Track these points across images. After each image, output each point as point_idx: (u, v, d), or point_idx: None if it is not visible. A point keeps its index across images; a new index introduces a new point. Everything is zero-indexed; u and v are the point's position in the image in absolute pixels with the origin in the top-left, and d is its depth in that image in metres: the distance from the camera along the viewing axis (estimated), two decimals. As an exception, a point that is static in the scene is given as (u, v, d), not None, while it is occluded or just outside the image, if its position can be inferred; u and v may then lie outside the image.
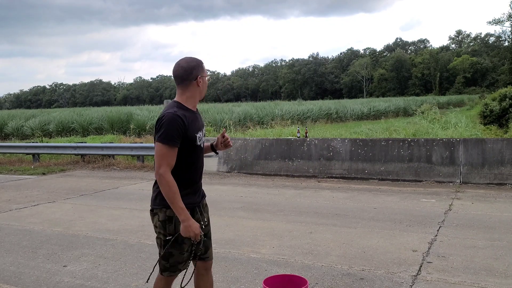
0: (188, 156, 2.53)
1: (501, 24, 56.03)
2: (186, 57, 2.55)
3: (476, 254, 4.30)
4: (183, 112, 2.47)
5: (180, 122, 2.41)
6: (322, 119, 28.72)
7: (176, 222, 2.49)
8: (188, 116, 2.48)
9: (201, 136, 2.58)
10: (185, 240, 2.52)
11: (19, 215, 6.57)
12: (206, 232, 2.69)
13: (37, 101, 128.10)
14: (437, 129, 12.48)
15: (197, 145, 2.54)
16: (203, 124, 2.66)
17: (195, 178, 2.61)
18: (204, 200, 2.74)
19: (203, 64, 2.54)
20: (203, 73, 2.54)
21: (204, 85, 2.57)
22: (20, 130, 24.11)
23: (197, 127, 2.54)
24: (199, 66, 2.52)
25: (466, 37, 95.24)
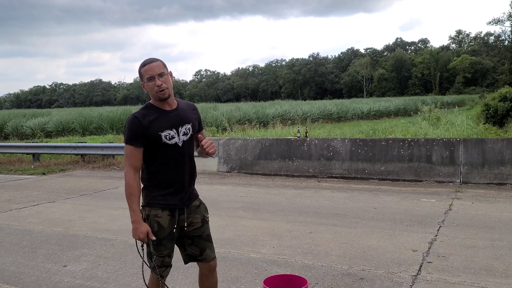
0: (159, 155, 2.52)
1: (501, 23, 56.05)
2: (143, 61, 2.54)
3: (476, 254, 4.30)
4: (145, 112, 2.50)
5: (136, 122, 2.46)
6: (324, 119, 28.73)
7: (152, 222, 2.53)
8: (150, 115, 2.48)
9: (172, 135, 2.51)
10: (163, 242, 2.54)
11: (19, 215, 6.56)
12: (198, 234, 2.66)
13: (37, 101, 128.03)
14: (438, 131, 12.48)
15: (166, 143, 2.49)
16: (182, 122, 2.56)
17: (172, 178, 2.55)
18: (196, 202, 2.69)
19: (141, 70, 2.48)
20: (141, 79, 2.52)
21: (148, 90, 2.51)
22: (20, 130, 24.11)
23: (164, 126, 2.49)
24: (139, 73, 2.51)
25: (466, 36, 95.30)
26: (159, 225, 2.53)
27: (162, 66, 2.50)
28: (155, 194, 2.55)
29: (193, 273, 4.00)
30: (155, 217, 2.53)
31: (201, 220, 2.68)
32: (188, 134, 2.58)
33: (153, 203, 2.55)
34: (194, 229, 2.65)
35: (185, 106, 2.66)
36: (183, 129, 2.55)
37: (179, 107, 2.60)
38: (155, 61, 2.50)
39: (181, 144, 2.54)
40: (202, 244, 2.68)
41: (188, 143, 2.59)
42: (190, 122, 2.60)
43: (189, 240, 2.67)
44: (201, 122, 2.78)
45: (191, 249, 2.68)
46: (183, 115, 2.59)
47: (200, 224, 2.67)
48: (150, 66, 2.47)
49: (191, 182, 2.67)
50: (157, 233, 2.52)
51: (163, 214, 2.54)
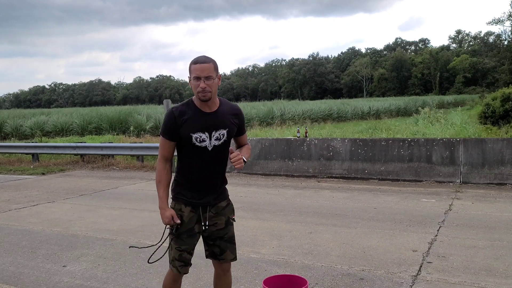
0: (188, 154, 2.54)
1: (501, 23, 56.06)
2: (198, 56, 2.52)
3: (476, 254, 4.29)
4: (183, 109, 2.50)
5: (172, 119, 2.48)
6: (324, 119, 28.78)
7: (176, 213, 2.60)
8: (187, 113, 2.48)
9: (203, 138, 2.48)
10: (182, 236, 2.58)
11: (18, 215, 6.56)
12: (221, 235, 2.67)
13: (36, 100, 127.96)
14: (437, 130, 12.48)
15: (195, 145, 2.48)
16: (217, 127, 2.51)
17: (198, 179, 2.56)
18: (223, 203, 2.68)
19: (191, 66, 2.45)
20: (189, 74, 2.47)
21: (192, 87, 2.47)
22: (19, 130, 24.10)
23: (196, 127, 2.47)
24: (189, 67, 2.47)
25: (466, 36, 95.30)
26: (180, 219, 2.58)
27: (212, 69, 2.43)
28: (180, 189, 2.60)
29: (193, 273, 4.00)
30: (178, 211, 2.59)
31: (225, 221, 2.67)
32: (221, 140, 2.53)
33: (177, 197, 2.61)
34: (217, 230, 2.65)
35: (226, 110, 2.58)
36: (216, 134, 2.51)
37: (218, 111, 2.53)
38: (207, 62, 2.44)
39: (210, 149, 2.51)
40: (223, 245, 2.69)
41: (220, 148, 2.54)
42: (226, 127, 2.54)
43: (211, 240, 2.68)
44: (243, 127, 2.73)
45: (212, 248, 2.70)
46: (220, 119, 2.53)
47: (223, 226, 2.66)
48: (200, 66, 2.41)
49: (218, 184, 2.63)
50: (178, 226, 2.58)
51: (186, 209, 2.58)
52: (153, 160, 11.71)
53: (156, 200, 2.73)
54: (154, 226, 5.69)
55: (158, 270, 4.14)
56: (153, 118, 22.41)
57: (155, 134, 19.57)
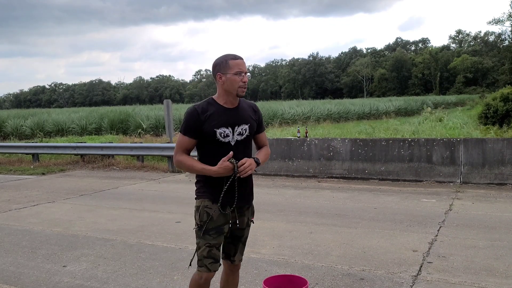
0: (211, 151, 2.52)
1: (501, 23, 56.06)
2: (225, 54, 2.55)
3: (477, 254, 4.29)
4: (205, 106, 2.51)
5: (195, 115, 2.48)
6: (323, 119, 28.79)
7: (201, 212, 2.55)
8: (210, 110, 2.49)
9: (227, 133, 2.50)
10: (210, 232, 2.53)
11: (18, 215, 6.56)
12: (239, 235, 2.69)
13: (36, 100, 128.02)
14: (439, 129, 12.48)
15: (219, 141, 2.49)
16: (240, 122, 2.55)
17: (222, 177, 2.52)
18: (247, 204, 2.69)
19: (230, 62, 2.48)
20: (224, 71, 2.47)
21: (227, 83, 2.48)
22: (19, 130, 24.11)
23: (220, 123, 2.49)
24: (222, 63, 2.49)
25: (467, 36, 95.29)
26: (208, 215, 2.54)
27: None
28: (205, 188, 2.57)
29: (193, 273, 3.99)
30: (205, 207, 2.55)
31: (246, 222, 2.70)
32: (244, 135, 2.56)
33: (203, 195, 2.57)
34: (239, 229, 2.67)
35: (246, 106, 2.63)
36: (239, 129, 2.54)
37: (239, 106, 2.59)
38: (242, 58, 2.53)
39: (233, 143, 2.52)
40: (238, 245, 2.72)
41: (242, 144, 2.56)
42: (248, 122, 2.59)
43: (229, 238, 2.68)
44: (262, 124, 2.75)
45: (228, 247, 2.71)
46: (242, 114, 2.58)
47: (244, 226, 2.69)
48: (242, 62, 2.50)
49: (244, 183, 2.60)
50: (205, 223, 2.53)
51: (213, 206, 2.54)
52: (153, 160, 11.71)
53: (156, 200, 2.74)
54: (154, 226, 5.69)
55: (158, 270, 4.14)
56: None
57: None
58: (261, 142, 2.78)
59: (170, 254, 4.57)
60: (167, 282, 3.87)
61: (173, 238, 5.14)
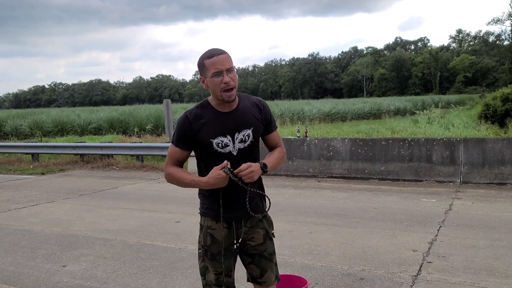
0: (211, 163, 2.16)
1: (501, 23, 56.11)
2: (205, 51, 2.15)
3: (477, 254, 4.29)
4: (199, 112, 2.17)
5: (186, 125, 2.15)
6: (323, 119, 28.79)
7: (204, 234, 2.26)
8: (203, 116, 2.16)
9: (226, 142, 2.16)
10: (217, 258, 2.22)
11: (18, 215, 6.55)
12: (259, 252, 2.30)
13: (36, 100, 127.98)
14: (438, 130, 12.47)
15: (218, 152, 2.15)
16: (240, 127, 2.18)
17: (226, 189, 2.18)
18: (259, 215, 2.29)
19: (206, 62, 2.09)
20: (204, 73, 2.12)
21: (210, 87, 2.11)
22: (19, 129, 24.09)
23: (216, 131, 2.14)
24: (200, 65, 2.13)
25: (467, 36, 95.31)
26: (213, 238, 2.23)
27: (230, 60, 2.10)
28: (208, 203, 2.25)
29: (193, 273, 3.99)
30: (208, 228, 2.24)
31: (264, 235, 2.30)
32: (247, 141, 2.19)
33: (206, 213, 2.26)
34: (255, 245, 2.28)
35: (248, 105, 2.23)
36: (240, 135, 2.18)
37: (239, 108, 2.19)
38: (223, 53, 2.09)
39: (235, 153, 2.17)
40: (263, 263, 2.31)
41: (246, 152, 2.20)
42: (251, 126, 2.19)
43: (248, 258, 2.32)
44: (272, 122, 2.33)
45: (250, 269, 2.33)
46: (243, 118, 2.18)
47: (261, 241, 2.29)
48: (218, 59, 2.06)
49: (253, 194, 2.25)
50: (210, 247, 2.23)
51: (217, 226, 2.22)
52: (153, 160, 11.70)
53: (155, 200, 2.72)
54: (153, 226, 5.68)
55: (158, 270, 4.13)
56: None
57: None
58: (272, 143, 2.37)
59: (169, 254, 4.57)
60: (167, 282, 3.87)
61: (173, 238, 5.14)
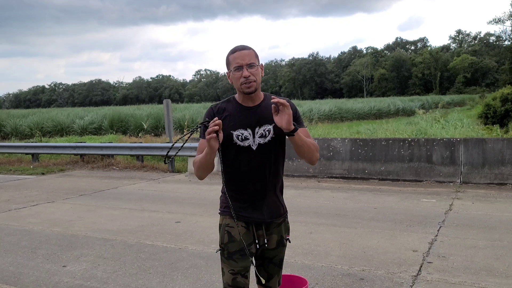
0: (231, 157, 2.21)
1: (501, 23, 56.15)
2: (234, 46, 2.23)
3: (477, 254, 4.29)
4: (224, 105, 2.24)
5: (211, 114, 2.22)
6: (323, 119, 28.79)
7: (222, 232, 2.29)
8: (227, 110, 2.22)
9: (246, 135, 2.18)
10: (234, 257, 2.22)
11: (18, 215, 6.55)
12: (270, 257, 2.33)
13: (36, 100, 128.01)
14: (438, 129, 12.47)
15: (237, 145, 2.18)
16: (261, 122, 2.20)
17: (245, 186, 2.22)
18: (278, 219, 2.31)
19: (230, 57, 2.18)
20: (229, 68, 2.20)
21: (233, 81, 2.19)
22: (18, 129, 24.10)
23: (238, 124, 2.18)
24: (226, 60, 2.21)
25: (467, 36, 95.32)
26: (230, 236, 2.24)
27: (253, 56, 2.16)
28: (228, 201, 2.25)
29: (193, 273, 4.00)
30: (226, 226, 2.26)
31: (277, 241, 2.31)
32: (268, 137, 2.19)
33: (225, 211, 2.29)
34: (268, 250, 2.31)
35: (271, 103, 2.19)
36: (260, 130, 2.19)
37: (262, 104, 2.22)
38: (246, 48, 2.17)
39: (255, 148, 2.18)
40: (271, 268, 2.34)
41: (267, 147, 2.20)
42: (272, 122, 2.17)
43: (258, 261, 2.36)
44: (298, 120, 2.25)
45: (259, 270, 2.36)
46: (265, 113, 2.19)
47: (274, 246, 2.31)
48: (240, 54, 2.14)
49: (271, 194, 2.26)
50: (227, 245, 2.25)
51: (236, 224, 2.24)
52: (153, 160, 11.70)
53: (156, 200, 2.72)
54: (154, 226, 5.68)
55: (158, 270, 4.13)
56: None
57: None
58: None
59: (170, 254, 4.57)
60: (167, 282, 3.87)
61: (173, 238, 5.14)
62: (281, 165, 2.31)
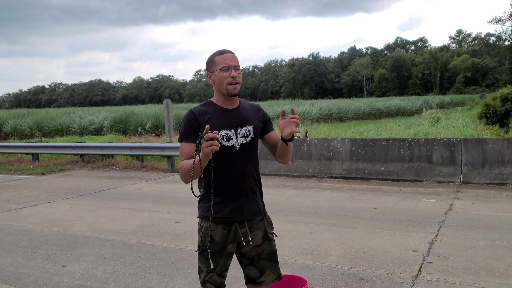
0: (213, 158, 2.21)
1: (502, 23, 56.16)
2: (215, 51, 2.35)
3: (477, 254, 4.29)
4: (204, 109, 2.31)
5: (193, 118, 2.28)
6: (324, 119, 28.78)
7: (203, 234, 2.33)
8: (208, 112, 2.29)
9: (230, 135, 2.27)
10: (214, 257, 2.30)
11: (18, 215, 6.55)
12: (258, 253, 2.38)
13: (36, 100, 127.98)
14: (439, 129, 12.47)
15: (222, 145, 2.23)
16: (243, 123, 2.31)
17: (227, 185, 2.29)
18: (259, 216, 2.40)
19: (216, 58, 2.27)
20: (212, 68, 2.29)
21: (216, 81, 2.27)
22: (18, 129, 24.09)
23: (221, 124, 2.26)
24: (209, 62, 2.31)
25: (467, 36, 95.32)
26: (212, 239, 2.31)
27: (237, 60, 2.30)
28: (209, 205, 2.28)
29: (193, 273, 3.99)
30: (208, 229, 2.31)
31: (262, 236, 2.38)
32: (249, 137, 2.32)
33: (206, 215, 2.32)
34: (254, 247, 2.36)
35: (247, 106, 2.40)
36: (242, 130, 2.30)
37: (240, 106, 2.36)
38: (232, 52, 2.31)
39: (238, 147, 2.29)
40: (262, 264, 2.39)
41: (248, 147, 2.32)
42: (251, 123, 2.33)
43: (247, 260, 2.39)
44: (270, 123, 2.45)
45: (249, 270, 2.40)
46: (245, 114, 2.34)
47: (260, 242, 2.37)
48: (227, 56, 2.26)
49: (252, 192, 2.37)
50: (208, 247, 2.31)
51: (217, 227, 2.30)
52: (153, 160, 11.70)
53: (156, 200, 2.72)
54: (154, 226, 5.68)
55: (158, 270, 4.13)
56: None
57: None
58: (273, 142, 2.44)
59: (170, 254, 4.57)
60: (167, 282, 3.87)
61: (173, 238, 5.14)
62: (257, 163, 2.44)
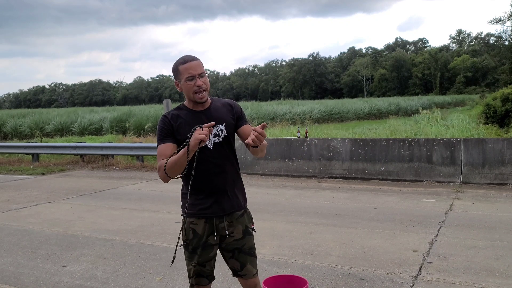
0: (196, 155, 2.33)
1: (502, 23, 56.16)
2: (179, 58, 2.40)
3: (477, 254, 4.29)
4: (176, 112, 2.41)
5: (166, 122, 2.38)
6: (324, 119, 28.78)
7: (186, 229, 2.44)
8: (180, 116, 2.38)
9: None
10: (197, 250, 2.43)
11: (18, 215, 6.55)
12: (239, 247, 2.49)
13: (36, 101, 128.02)
14: (439, 129, 12.47)
15: None
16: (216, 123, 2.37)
17: (205, 183, 2.39)
18: (239, 211, 2.51)
19: (180, 67, 2.32)
20: (178, 78, 2.35)
21: (184, 90, 2.35)
22: (18, 129, 24.08)
23: (192, 127, 2.30)
24: (174, 71, 2.37)
25: (467, 36, 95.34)
26: (194, 233, 2.42)
27: (202, 66, 2.35)
28: (190, 202, 2.41)
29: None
30: (191, 223, 2.43)
31: (243, 231, 2.50)
32: (221, 136, 2.41)
33: (189, 212, 2.43)
34: (234, 240, 2.48)
35: (219, 105, 2.47)
36: (214, 130, 2.38)
37: (211, 107, 2.43)
38: (196, 59, 2.35)
39: (211, 147, 2.38)
40: (242, 258, 2.51)
41: (222, 146, 2.42)
42: (223, 122, 2.41)
43: (229, 253, 2.51)
44: (244, 117, 2.51)
45: (231, 263, 2.53)
46: (215, 115, 2.41)
47: (241, 236, 2.49)
48: (191, 65, 2.30)
49: (231, 188, 2.48)
50: (192, 241, 2.43)
51: (199, 221, 2.41)
52: (153, 160, 11.70)
53: (156, 200, 2.72)
54: (154, 226, 5.68)
55: (158, 270, 4.13)
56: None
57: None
58: (246, 135, 2.46)
59: (170, 254, 4.56)
60: (167, 282, 3.87)
61: (173, 238, 5.13)
62: (235, 160, 2.52)
